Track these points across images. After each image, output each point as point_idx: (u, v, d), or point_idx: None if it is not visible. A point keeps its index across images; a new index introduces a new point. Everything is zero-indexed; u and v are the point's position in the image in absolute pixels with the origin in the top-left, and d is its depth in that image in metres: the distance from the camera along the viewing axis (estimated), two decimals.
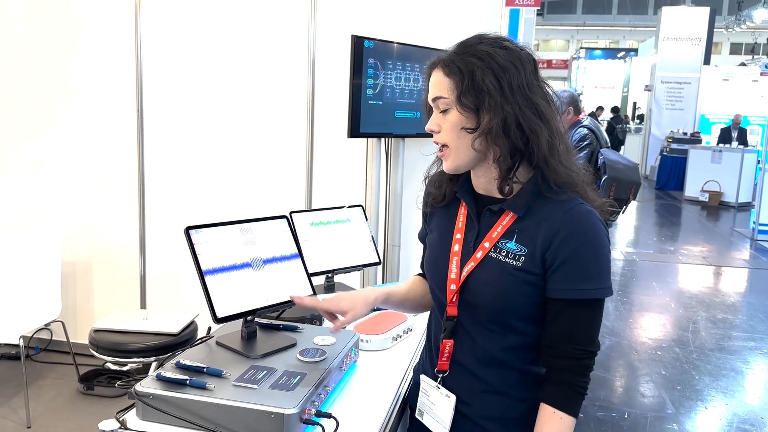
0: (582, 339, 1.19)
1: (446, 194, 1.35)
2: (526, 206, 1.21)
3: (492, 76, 1.15)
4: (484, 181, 1.27)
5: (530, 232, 1.20)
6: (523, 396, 1.29)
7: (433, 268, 1.34)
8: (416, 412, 1.37)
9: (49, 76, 3.66)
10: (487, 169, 1.24)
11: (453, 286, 1.26)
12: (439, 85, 1.22)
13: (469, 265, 1.24)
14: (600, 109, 17.01)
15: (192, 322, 3.24)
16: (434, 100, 1.23)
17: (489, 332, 1.26)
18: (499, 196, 1.24)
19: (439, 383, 1.32)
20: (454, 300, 1.27)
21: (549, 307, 1.21)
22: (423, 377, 1.36)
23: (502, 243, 1.23)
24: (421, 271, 1.52)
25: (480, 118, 1.17)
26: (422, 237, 1.48)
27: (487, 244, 1.24)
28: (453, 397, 1.29)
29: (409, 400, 1.47)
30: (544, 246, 1.18)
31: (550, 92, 1.23)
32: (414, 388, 1.44)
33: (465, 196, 1.30)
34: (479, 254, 1.24)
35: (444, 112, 1.22)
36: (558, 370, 1.21)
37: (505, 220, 1.23)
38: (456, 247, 1.28)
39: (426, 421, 1.35)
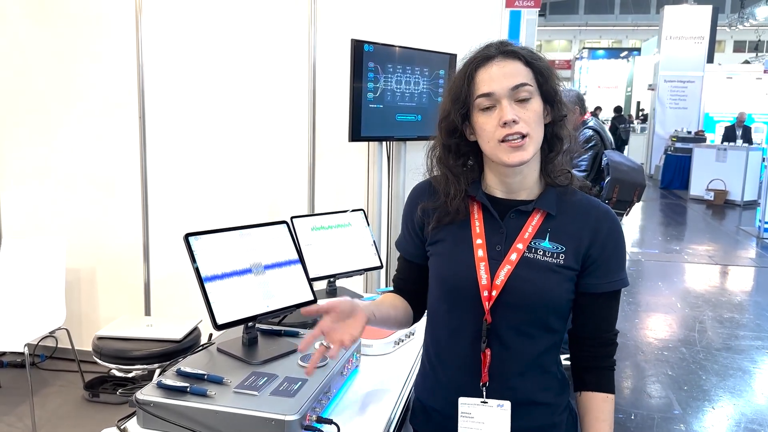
0: (612, 325, 1.30)
1: (459, 208, 1.28)
2: (556, 204, 1.25)
3: (556, 78, 1.24)
4: (517, 181, 1.25)
5: (566, 230, 1.24)
6: (561, 402, 1.30)
7: (456, 277, 1.26)
8: None
9: (51, 83, 3.67)
10: (527, 165, 1.23)
11: (486, 293, 1.22)
12: (519, 73, 1.19)
13: (505, 268, 1.22)
14: (598, 109, 16.96)
15: (195, 329, 3.24)
16: (515, 87, 1.18)
17: (524, 337, 1.24)
18: (523, 197, 1.26)
19: (486, 396, 1.25)
20: (488, 307, 1.22)
21: (587, 301, 1.27)
22: (462, 399, 1.25)
23: (535, 243, 1.23)
24: (391, 288, 1.46)
25: (553, 110, 1.24)
26: (411, 252, 1.39)
27: (520, 246, 1.23)
28: (507, 403, 1.23)
29: (415, 425, 1.40)
30: (587, 243, 1.24)
31: None
32: (421, 413, 1.37)
33: (484, 200, 1.26)
34: (513, 256, 1.22)
35: (525, 101, 1.19)
36: (599, 357, 1.29)
37: (535, 220, 1.24)
38: (480, 252, 1.24)
39: None
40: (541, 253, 1.22)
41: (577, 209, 1.26)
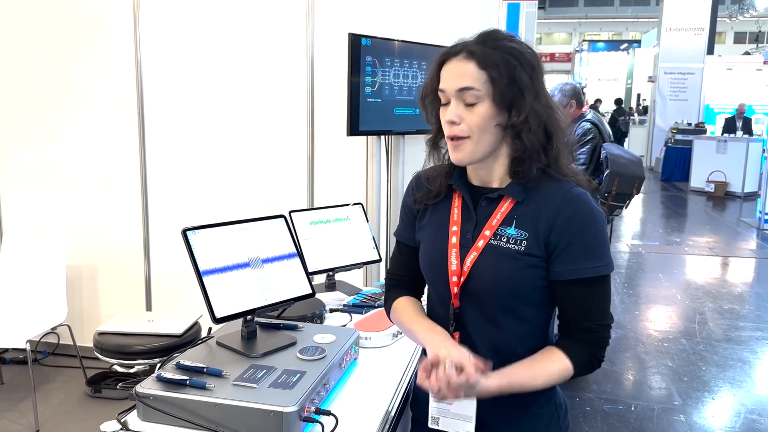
0: (596, 314, 1.23)
1: (441, 190, 1.32)
2: (524, 191, 1.24)
3: (526, 75, 1.18)
4: (485, 173, 1.27)
5: (529, 216, 1.23)
6: (540, 393, 1.28)
7: (432, 262, 1.31)
8: (429, 421, 1.28)
9: (51, 83, 3.67)
10: (494, 160, 1.25)
11: (455, 278, 1.25)
12: (469, 76, 1.18)
13: (471, 255, 1.24)
14: (598, 101, 16.96)
15: (195, 323, 3.26)
16: (461, 90, 1.18)
17: (491, 324, 1.25)
18: (495, 185, 1.27)
19: None
20: (456, 292, 1.26)
21: (558, 289, 1.23)
22: None
23: (501, 230, 1.24)
24: (390, 286, 1.44)
25: (511, 115, 1.20)
26: (406, 236, 1.40)
27: (487, 233, 1.24)
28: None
29: (414, 412, 1.43)
30: (547, 229, 1.21)
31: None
32: (416, 399, 1.40)
33: (461, 188, 1.29)
34: (480, 243, 1.24)
35: (470, 105, 1.19)
36: (580, 341, 1.24)
37: (504, 207, 1.25)
38: (453, 239, 1.27)
39: (444, 425, 1.27)
40: (505, 240, 1.23)
41: (544, 195, 1.23)
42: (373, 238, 2.22)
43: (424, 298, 1.43)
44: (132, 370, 3.40)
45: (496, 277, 1.22)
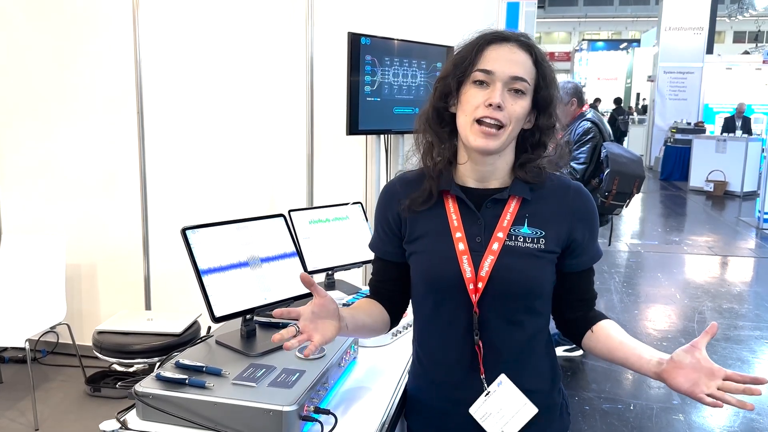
0: (591, 289, 1.33)
1: (433, 192, 1.26)
2: (530, 189, 1.25)
3: (556, 89, 1.24)
4: (487, 171, 1.24)
5: (543, 214, 1.24)
6: (554, 386, 1.32)
7: (440, 274, 1.24)
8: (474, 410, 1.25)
9: (50, 81, 3.67)
10: (500, 157, 1.24)
11: (471, 285, 1.21)
12: (523, 66, 1.18)
13: (488, 260, 1.21)
14: (598, 100, 16.96)
15: (195, 322, 3.26)
16: (515, 78, 1.17)
17: (513, 325, 1.24)
18: (495, 185, 1.26)
19: (487, 391, 1.25)
20: (476, 299, 1.22)
21: (570, 279, 1.29)
22: (472, 409, 1.25)
23: (515, 230, 1.23)
24: (369, 293, 1.41)
25: (536, 118, 1.24)
26: (390, 252, 1.35)
27: (500, 234, 1.22)
28: (501, 376, 1.25)
29: (411, 422, 1.40)
30: (567, 224, 1.24)
31: None
32: (417, 410, 1.37)
33: (457, 191, 1.25)
34: (495, 246, 1.21)
35: (517, 94, 1.18)
36: (593, 309, 1.33)
37: (512, 207, 1.24)
38: (461, 246, 1.23)
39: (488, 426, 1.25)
40: (521, 240, 1.22)
41: (551, 191, 1.26)
42: None
43: (411, 318, 1.39)
44: (131, 369, 3.40)
45: (520, 278, 1.21)
